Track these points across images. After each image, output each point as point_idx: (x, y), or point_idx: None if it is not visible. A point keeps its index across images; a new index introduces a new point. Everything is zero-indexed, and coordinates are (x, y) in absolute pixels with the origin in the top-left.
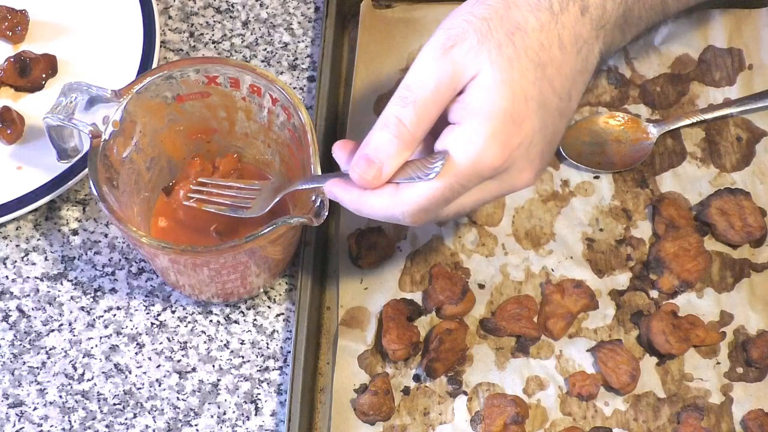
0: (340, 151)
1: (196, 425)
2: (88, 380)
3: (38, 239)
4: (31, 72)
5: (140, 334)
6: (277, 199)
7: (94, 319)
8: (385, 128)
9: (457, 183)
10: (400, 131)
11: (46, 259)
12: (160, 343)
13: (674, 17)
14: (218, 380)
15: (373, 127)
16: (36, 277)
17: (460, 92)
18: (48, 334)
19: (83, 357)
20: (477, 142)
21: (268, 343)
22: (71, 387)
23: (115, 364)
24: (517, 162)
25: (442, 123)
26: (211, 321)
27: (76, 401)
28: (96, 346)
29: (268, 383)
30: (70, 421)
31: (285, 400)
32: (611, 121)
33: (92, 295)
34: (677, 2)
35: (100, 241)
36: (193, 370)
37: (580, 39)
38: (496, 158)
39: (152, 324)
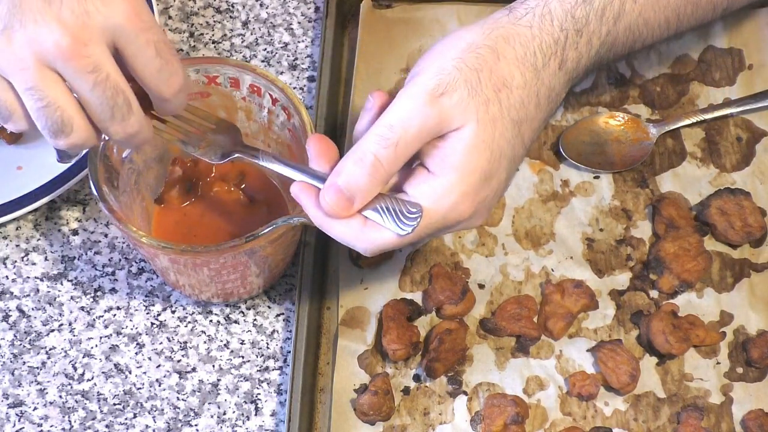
0: (313, 146)
1: (196, 425)
2: (88, 380)
3: (38, 239)
4: None
5: (140, 334)
6: (233, 157)
7: (94, 319)
8: (361, 164)
9: (426, 233)
10: (377, 170)
11: (46, 259)
12: (160, 343)
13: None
14: (218, 380)
15: (348, 155)
16: (36, 277)
17: (440, 136)
18: (48, 334)
19: (83, 357)
20: (451, 198)
21: (268, 343)
22: (71, 387)
23: (115, 364)
24: (480, 211)
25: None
26: (211, 321)
27: (76, 401)
28: (96, 346)
29: (268, 383)
30: (70, 421)
31: (285, 400)
32: (611, 121)
33: (92, 295)
34: (643, 44)
35: (100, 241)
36: (193, 370)
37: (553, 92)
38: (466, 212)
39: (152, 324)
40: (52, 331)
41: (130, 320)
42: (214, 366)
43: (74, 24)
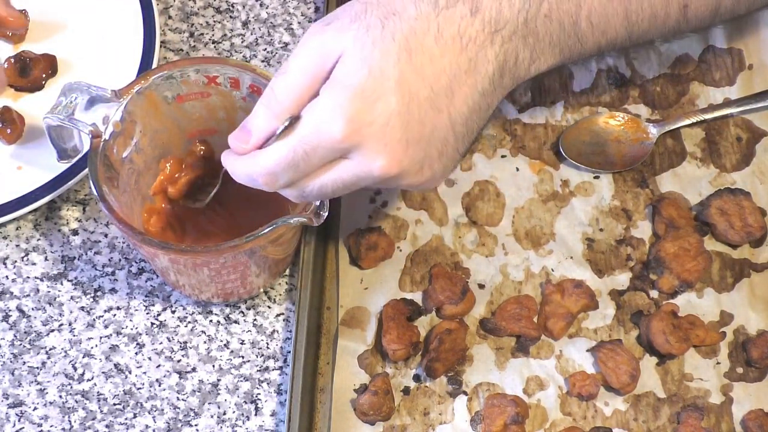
0: None
1: (196, 425)
2: (88, 380)
3: (38, 239)
4: (31, 72)
5: (140, 334)
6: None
7: (94, 319)
8: (261, 99)
9: (301, 148)
10: (270, 100)
11: (46, 259)
12: (160, 343)
13: (597, 54)
14: (218, 380)
15: None
16: (36, 277)
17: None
18: (48, 334)
19: (83, 357)
20: (321, 110)
21: (268, 343)
22: (71, 387)
23: (115, 364)
24: (369, 142)
25: None
26: (211, 321)
27: (76, 401)
28: (96, 346)
29: (268, 383)
30: (70, 421)
31: (285, 400)
32: (611, 121)
33: (92, 295)
34: (592, 31)
35: (100, 241)
36: (193, 370)
37: (465, 36)
38: (339, 130)
39: (152, 324)
40: (52, 331)
41: (130, 320)
42: (214, 366)
43: None
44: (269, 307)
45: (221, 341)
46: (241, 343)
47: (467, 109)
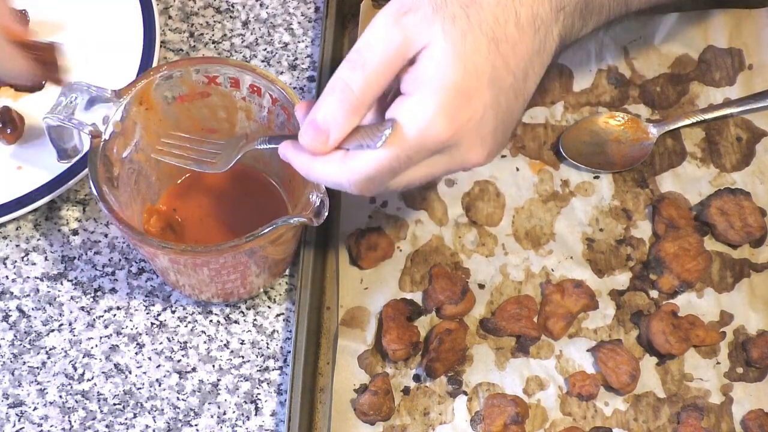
0: (300, 111)
1: (196, 425)
2: (88, 380)
3: (38, 239)
4: None
5: (140, 334)
6: (239, 155)
7: (94, 319)
8: (332, 93)
9: (404, 154)
10: (347, 96)
11: (46, 259)
12: (160, 343)
13: (636, 14)
14: (218, 380)
15: (323, 91)
16: (36, 277)
17: (412, 62)
18: (48, 334)
19: (83, 357)
20: (425, 114)
21: (268, 343)
22: (71, 387)
23: (115, 364)
24: (467, 137)
25: (395, 93)
26: (211, 321)
27: (76, 401)
28: (96, 346)
29: (268, 383)
30: (70, 421)
31: (285, 400)
32: (611, 121)
33: (92, 295)
34: None
35: (100, 241)
36: (193, 370)
37: (538, 18)
38: (444, 131)
39: (152, 324)
40: (52, 331)
41: (130, 320)
42: (214, 366)
43: None
44: (269, 307)
45: (221, 341)
46: (241, 343)
47: (534, 86)
